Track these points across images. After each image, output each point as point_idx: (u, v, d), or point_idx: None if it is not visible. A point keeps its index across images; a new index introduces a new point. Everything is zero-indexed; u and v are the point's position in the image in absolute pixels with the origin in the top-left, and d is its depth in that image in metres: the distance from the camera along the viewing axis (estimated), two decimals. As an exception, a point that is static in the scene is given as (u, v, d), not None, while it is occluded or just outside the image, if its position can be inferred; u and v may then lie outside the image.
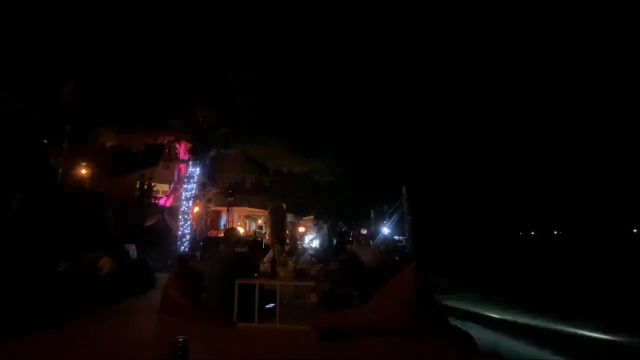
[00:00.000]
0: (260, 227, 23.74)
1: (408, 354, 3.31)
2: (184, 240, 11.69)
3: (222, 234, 8.53)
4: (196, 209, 13.64)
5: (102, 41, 9.99)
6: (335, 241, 11.44)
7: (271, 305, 4.22)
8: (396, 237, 16.51)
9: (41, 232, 7.31)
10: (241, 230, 15.97)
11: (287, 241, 7.99)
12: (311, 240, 22.40)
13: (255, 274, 4.55)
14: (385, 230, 16.99)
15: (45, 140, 11.35)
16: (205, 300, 4.21)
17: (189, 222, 11.95)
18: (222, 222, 18.40)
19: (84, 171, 12.70)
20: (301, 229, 23.50)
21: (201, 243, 12.63)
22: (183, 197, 12.22)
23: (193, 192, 12.33)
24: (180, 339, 1.89)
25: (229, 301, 4.03)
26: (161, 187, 16.12)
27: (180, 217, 11.95)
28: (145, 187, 13.84)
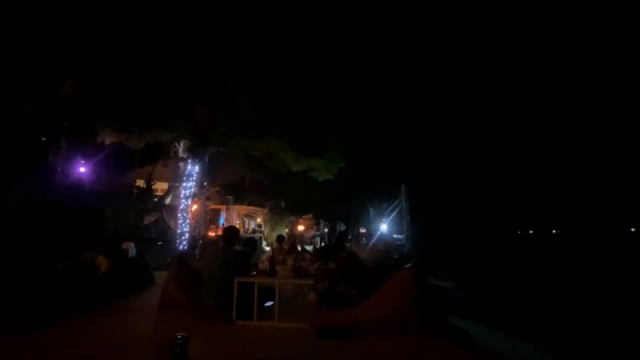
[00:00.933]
0: (259, 226, 23.79)
1: (407, 352, 3.33)
2: (182, 238, 11.69)
3: (221, 232, 8.55)
4: (194, 207, 13.65)
5: (102, 41, 9.95)
6: (334, 240, 11.45)
7: (270, 303, 4.24)
8: (395, 236, 16.56)
9: (40, 231, 7.31)
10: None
11: (286, 239, 8.00)
12: (310, 238, 22.43)
13: (254, 272, 4.57)
14: (384, 228, 17.05)
15: (43, 138, 11.36)
16: (204, 298, 4.23)
17: (187, 220, 11.95)
18: (221, 220, 18.44)
19: (82, 169, 12.69)
20: (300, 228, 23.54)
21: (200, 241, 12.65)
22: (182, 195, 12.22)
23: (192, 190, 12.33)
24: (180, 336, 1.90)
25: (228, 299, 4.05)
26: (160, 186, 16.16)
27: (179, 215, 11.95)
28: (149, 184, 14.01)
